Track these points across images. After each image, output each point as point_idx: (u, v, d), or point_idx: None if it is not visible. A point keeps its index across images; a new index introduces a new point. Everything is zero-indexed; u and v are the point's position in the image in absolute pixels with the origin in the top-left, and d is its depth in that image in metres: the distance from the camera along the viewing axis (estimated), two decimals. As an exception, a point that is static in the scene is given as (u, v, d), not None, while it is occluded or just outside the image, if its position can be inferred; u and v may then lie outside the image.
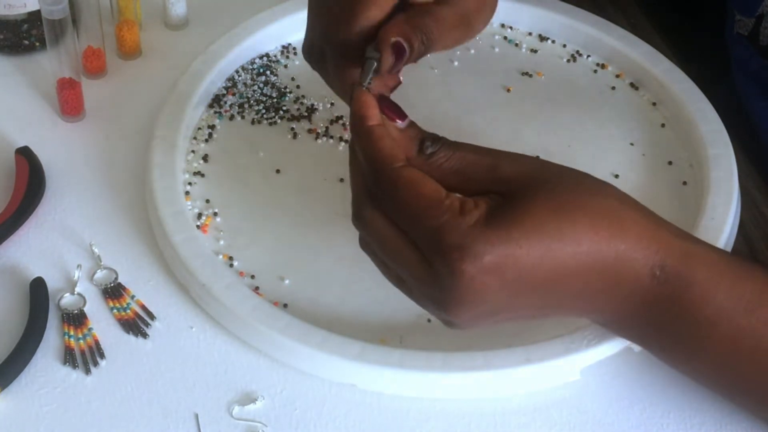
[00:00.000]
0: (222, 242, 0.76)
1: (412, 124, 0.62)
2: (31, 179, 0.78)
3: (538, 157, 0.61)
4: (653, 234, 0.59)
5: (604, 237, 0.57)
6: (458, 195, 0.58)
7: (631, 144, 0.83)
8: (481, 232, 0.56)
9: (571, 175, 0.60)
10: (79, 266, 0.74)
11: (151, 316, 0.72)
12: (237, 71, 0.87)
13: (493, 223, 0.56)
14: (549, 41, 0.91)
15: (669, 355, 0.63)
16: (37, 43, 0.88)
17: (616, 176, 0.81)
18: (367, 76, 0.64)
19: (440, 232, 0.56)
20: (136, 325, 0.71)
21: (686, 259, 0.59)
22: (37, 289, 0.72)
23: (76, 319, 0.71)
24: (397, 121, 0.61)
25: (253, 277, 0.73)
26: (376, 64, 0.64)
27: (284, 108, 0.84)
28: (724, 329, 0.59)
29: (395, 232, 0.58)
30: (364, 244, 0.62)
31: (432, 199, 0.57)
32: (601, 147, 0.83)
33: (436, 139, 0.60)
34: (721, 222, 0.75)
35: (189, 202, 0.77)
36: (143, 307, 0.72)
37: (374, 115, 0.61)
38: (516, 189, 0.58)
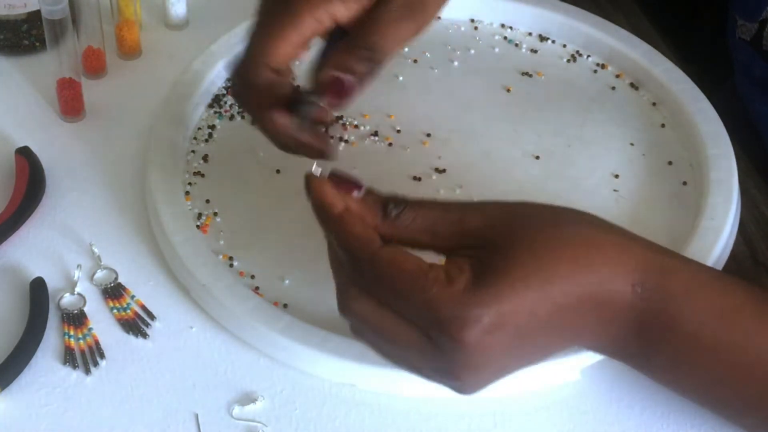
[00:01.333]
0: (222, 242, 0.76)
1: (369, 191, 0.61)
2: (31, 179, 0.78)
3: (500, 201, 0.61)
4: (630, 252, 0.59)
5: (586, 266, 0.57)
6: (441, 263, 0.57)
7: (631, 144, 0.83)
8: (472, 296, 0.55)
9: (538, 214, 0.60)
10: (79, 266, 0.74)
11: (151, 316, 0.72)
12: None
13: (482, 283, 0.55)
14: (549, 41, 0.91)
15: (658, 373, 0.63)
16: (37, 43, 0.89)
17: (617, 176, 0.81)
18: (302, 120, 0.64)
19: (433, 305, 0.55)
20: (136, 325, 0.71)
21: (664, 273, 0.59)
22: (37, 289, 0.72)
23: (76, 319, 0.71)
24: (354, 192, 0.60)
25: (253, 277, 0.74)
26: (312, 108, 0.64)
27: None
28: (706, 342, 0.59)
29: (388, 315, 0.57)
30: (356, 331, 0.60)
31: (417, 274, 0.56)
32: (601, 147, 0.83)
33: (399, 201, 0.60)
34: (721, 222, 0.75)
35: (189, 202, 0.78)
36: (143, 307, 0.72)
37: (336, 202, 0.59)
38: (490, 241, 0.57)
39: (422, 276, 0.56)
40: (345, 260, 0.58)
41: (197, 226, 0.76)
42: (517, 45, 0.91)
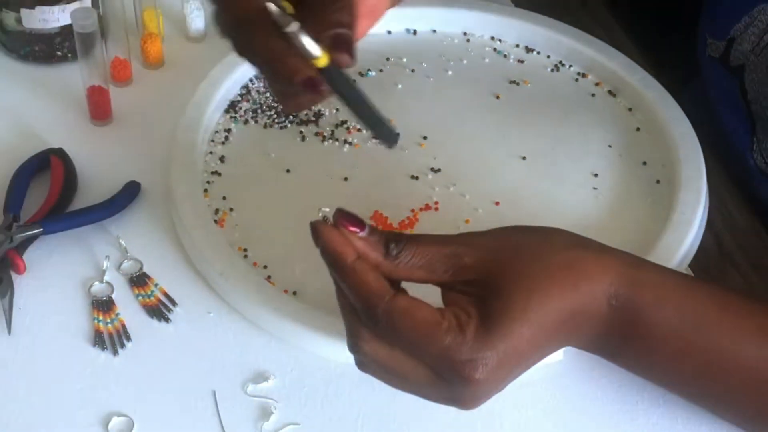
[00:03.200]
0: (237, 235, 0.76)
1: (373, 230, 0.59)
2: (65, 178, 0.78)
3: (493, 229, 0.61)
4: (606, 269, 0.59)
5: (571, 288, 0.58)
6: (451, 309, 0.57)
7: (609, 146, 0.83)
8: (483, 341, 0.55)
9: (525, 246, 0.59)
10: (107, 257, 0.74)
11: (173, 303, 0.72)
12: (251, 80, 0.87)
13: (488, 328, 0.56)
14: (534, 53, 0.91)
15: (634, 370, 0.64)
16: (69, 54, 0.88)
17: (596, 175, 0.81)
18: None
19: (449, 353, 0.55)
20: (159, 310, 0.71)
21: (635, 286, 0.59)
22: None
23: (104, 305, 0.71)
24: (359, 232, 0.59)
25: (265, 267, 0.73)
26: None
27: (293, 113, 0.84)
28: (674, 345, 0.60)
29: (399, 356, 0.57)
30: (363, 366, 0.60)
31: (432, 325, 0.56)
32: (581, 149, 0.83)
33: (399, 239, 0.59)
34: (690, 217, 0.75)
35: (207, 199, 0.77)
36: (166, 294, 0.72)
37: (347, 251, 0.58)
38: (484, 276, 0.57)
39: (437, 327, 0.56)
40: (358, 308, 0.58)
41: (214, 221, 0.76)
42: (505, 56, 0.91)
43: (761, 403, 0.61)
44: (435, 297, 0.59)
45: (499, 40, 0.92)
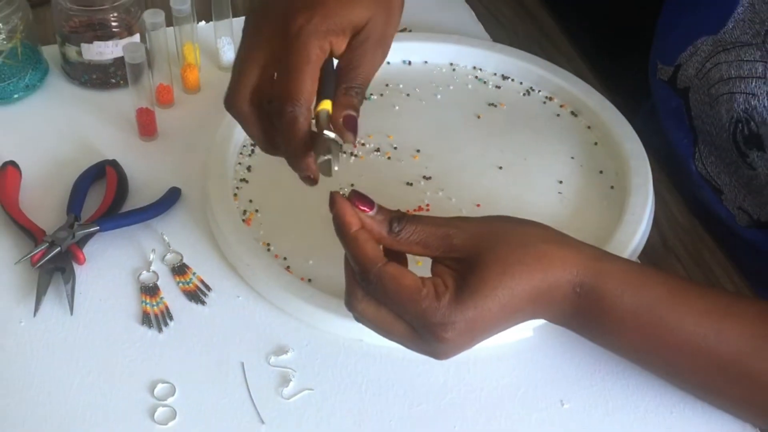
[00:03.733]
0: (261, 232, 0.76)
1: (380, 209, 0.60)
2: (119, 185, 0.78)
3: (485, 217, 0.62)
4: (573, 261, 0.59)
5: (539, 275, 0.58)
6: (432, 279, 0.58)
7: (572, 157, 0.83)
8: (454, 308, 0.57)
9: (507, 234, 0.60)
10: (153, 250, 0.74)
11: (208, 288, 0.72)
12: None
13: (461, 297, 0.57)
14: (509, 80, 0.91)
15: (597, 342, 0.64)
16: (121, 81, 0.88)
17: (561, 182, 0.81)
18: (336, 157, 0.59)
19: (425, 315, 0.57)
20: (196, 295, 0.71)
21: (598, 276, 0.60)
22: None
23: (151, 290, 0.71)
24: (368, 211, 0.59)
25: (285, 258, 0.73)
26: (334, 137, 0.59)
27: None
28: (631, 325, 0.60)
29: (385, 313, 0.59)
30: (359, 320, 0.61)
31: (413, 289, 0.57)
32: (549, 159, 0.83)
33: (401, 218, 0.59)
34: (639, 217, 0.75)
35: (236, 202, 0.78)
36: (202, 282, 0.72)
37: (354, 221, 0.58)
38: (468, 256, 0.58)
39: (417, 291, 0.57)
40: (355, 269, 0.59)
41: (243, 220, 0.76)
42: (485, 83, 0.91)
43: (700, 371, 0.62)
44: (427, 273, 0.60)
45: (480, 70, 0.92)
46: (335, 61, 0.63)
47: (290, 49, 0.59)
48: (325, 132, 0.60)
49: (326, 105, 0.60)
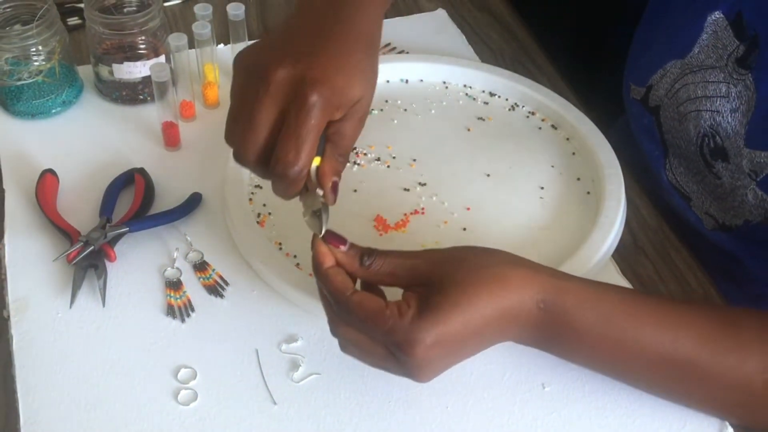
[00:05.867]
0: (274, 233, 0.76)
1: (352, 246, 0.59)
2: (146, 190, 0.78)
3: (448, 247, 0.60)
4: (532, 279, 0.58)
5: (500, 295, 0.57)
6: (396, 302, 0.56)
7: (552, 166, 0.83)
8: (417, 324, 0.55)
9: (468, 260, 0.59)
10: (177, 249, 0.74)
11: (226, 283, 0.72)
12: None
13: (423, 314, 0.55)
14: (496, 96, 0.91)
15: (563, 357, 0.63)
16: (149, 97, 0.89)
17: (542, 188, 0.81)
18: (322, 223, 0.60)
19: (391, 333, 0.55)
20: (216, 289, 0.72)
21: (558, 292, 0.58)
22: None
23: (175, 285, 0.71)
24: (341, 246, 0.59)
25: (295, 256, 0.74)
26: (322, 200, 0.61)
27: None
28: (594, 336, 0.59)
29: (364, 339, 0.58)
30: (343, 348, 0.60)
31: (378, 311, 0.56)
32: (531, 168, 0.83)
33: (371, 253, 0.59)
34: (612, 219, 0.75)
35: (251, 206, 0.78)
36: (221, 277, 0.72)
37: (328, 259, 0.58)
38: (433, 282, 0.57)
39: (381, 312, 0.56)
40: (331, 301, 0.58)
41: (257, 222, 0.76)
42: (474, 99, 0.91)
43: (662, 377, 0.61)
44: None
45: (470, 87, 0.92)
46: None
47: (304, 120, 0.57)
48: (318, 191, 0.61)
49: (317, 162, 0.60)
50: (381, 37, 0.65)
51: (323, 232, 0.60)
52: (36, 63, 0.84)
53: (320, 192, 0.61)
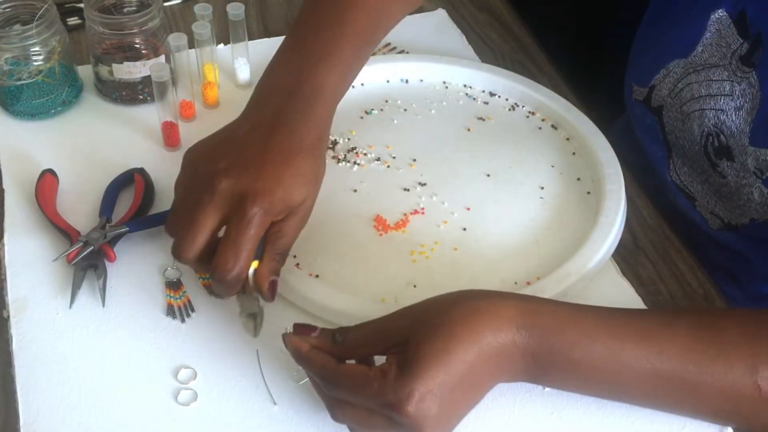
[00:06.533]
0: (274, 233, 0.75)
1: (322, 330, 0.60)
2: (146, 190, 0.78)
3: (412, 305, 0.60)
4: (504, 309, 0.57)
5: (476, 330, 0.56)
6: (379, 365, 0.56)
7: (552, 166, 0.83)
8: (400, 381, 0.54)
9: (437, 302, 0.58)
10: (177, 249, 0.74)
11: (226, 283, 0.72)
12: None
13: (404, 369, 0.55)
14: (496, 96, 0.91)
15: (554, 386, 0.62)
16: (149, 97, 0.89)
17: (542, 188, 0.81)
18: (256, 326, 0.65)
19: (379, 396, 0.55)
20: (215, 289, 0.71)
21: (536, 314, 0.58)
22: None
23: (175, 285, 0.71)
24: (312, 333, 0.60)
25: (294, 256, 0.73)
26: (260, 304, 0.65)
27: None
28: (578, 355, 0.58)
29: (361, 412, 0.57)
30: (347, 426, 0.60)
31: (362, 376, 0.56)
32: (531, 168, 0.83)
33: (341, 330, 0.59)
34: (613, 219, 0.75)
35: (252, 206, 0.77)
36: (220, 277, 0.72)
37: (302, 346, 0.59)
38: (408, 339, 0.56)
39: (366, 377, 0.55)
40: (319, 381, 0.58)
41: (257, 222, 0.76)
42: (474, 99, 0.91)
43: (650, 391, 0.60)
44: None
45: (470, 87, 0.92)
46: None
47: (243, 230, 0.61)
48: (256, 294, 0.64)
49: (255, 265, 0.63)
50: (329, 130, 0.69)
51: (257, 335, 0.65)
52: (36, 63, 0.84)
53: (259, 298, 0.64)
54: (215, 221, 0.62)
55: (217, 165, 0.63)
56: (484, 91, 0.92)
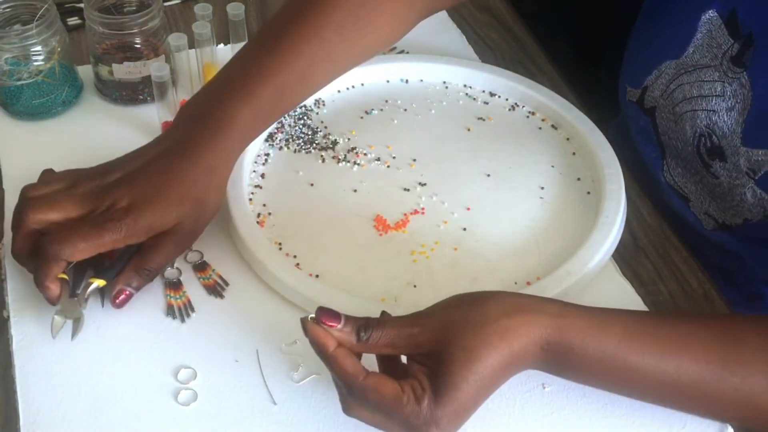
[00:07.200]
0: (274, 233, 0.76)
1: (347, 321, 0.58)
2: (145, 190, 0.78)
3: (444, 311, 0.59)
4: (535, 324, 0.58)
5: (505, 350, 0.57)
6: (410, 383, 0.56)
7: (552, 166, 0.83)
8: (434, 408, 0.55)
9: (469, 318, 0.58)
10: (177, 249, 0.74)
11: (226, 283, 0.72)
12: (284, 117, 0.87)
13: (438, 396, 0.55)
14: (496, 96, 0.91)
15: (573, 381, 0.63)
16: (149, 97, 0.88)
17: (542, 188, 0.81)
18: (74, 331, 0.66)
19: (410, 418, 0.55)
20: (215, 289, 0.71)
21: (562, 332, 0.58)
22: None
23: (175, 285, 0.71)
24: (336, 325, 0.58)
25: (295, 256, 0.73)
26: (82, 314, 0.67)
27: (316, 142, 0.84)
28: (598, 370, 0.59)
29: (378, 416, 0.57)
30: (348, 414, 0.60)
31: (395, 398, 0.56)
32: (531, 168, 0.83)
33: (367, 326, 0.58)
34: (613, 220, 0.75)
35: (251, 206, 0.77)
36: (220, 277, 0.72)
37: (330, 342, 0.57)
38: (436, 352, 0.56)
39: (398, 399, 0.56)
40: (341, 384, 0.58)
41: (257, 222, 0.76)
42: (474, 99, 0.91)
43: (668, 400, 0.61)
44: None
45: (470, 87, 0.92)
46: None
47: (93, 239, 0.65)
48: (81, 300, 0.67)
49: (98, 282, 0.67)
50: (233, 162, 0.71)
51: (73, 339, 0.66)
52: (36, 63, 0.84)
53: (80, 308, 0.66)
54: (64, 215, 0.65)
55: (108, 173, 0.68)
56: (484, 91, 0.92)
